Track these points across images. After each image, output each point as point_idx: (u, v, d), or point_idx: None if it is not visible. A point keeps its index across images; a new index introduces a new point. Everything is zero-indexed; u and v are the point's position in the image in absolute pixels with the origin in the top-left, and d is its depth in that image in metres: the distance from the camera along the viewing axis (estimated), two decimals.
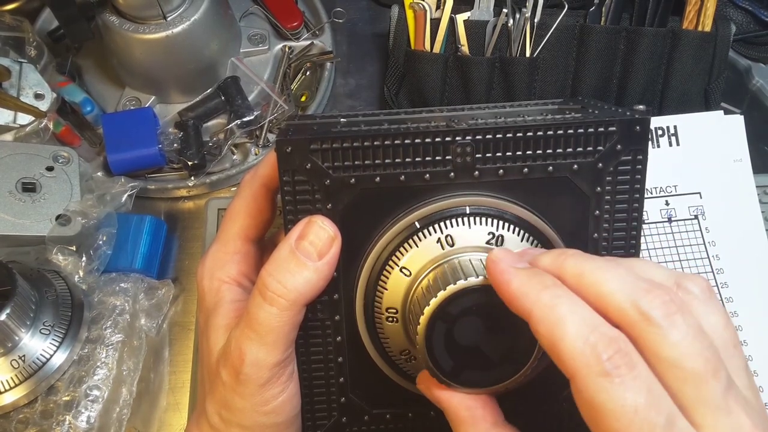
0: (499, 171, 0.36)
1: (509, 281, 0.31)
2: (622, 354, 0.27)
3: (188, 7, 0.66)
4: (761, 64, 0.75)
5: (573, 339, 0.28)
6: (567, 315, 0.28)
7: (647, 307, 0.28)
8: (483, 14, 0.68)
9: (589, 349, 0.27)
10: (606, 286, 0.29)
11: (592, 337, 0.27)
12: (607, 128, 0.35)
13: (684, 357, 0.27)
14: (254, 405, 0.36)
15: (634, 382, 0.26)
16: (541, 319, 0.29)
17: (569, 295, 0.29)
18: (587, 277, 0.30)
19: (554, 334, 0.28)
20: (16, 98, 0.64)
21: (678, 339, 0.27)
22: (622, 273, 0.30)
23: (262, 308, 0.35)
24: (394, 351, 0.39)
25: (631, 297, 0.28)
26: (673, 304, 0.28)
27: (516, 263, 0.32)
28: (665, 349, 0.27)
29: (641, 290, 0.29)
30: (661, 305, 0.28)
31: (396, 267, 0.36)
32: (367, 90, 0.76)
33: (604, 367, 0.27)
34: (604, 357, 0.27)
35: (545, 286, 0.30)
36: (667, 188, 0.61)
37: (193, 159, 0.66)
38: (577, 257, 0.31)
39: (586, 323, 0.28)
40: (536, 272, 0.31)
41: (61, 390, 0.54)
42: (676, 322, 0.28)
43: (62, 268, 0.58)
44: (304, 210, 0.36)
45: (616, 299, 0.29)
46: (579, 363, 0.27)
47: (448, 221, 0.36)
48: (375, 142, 0.35)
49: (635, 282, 0.29)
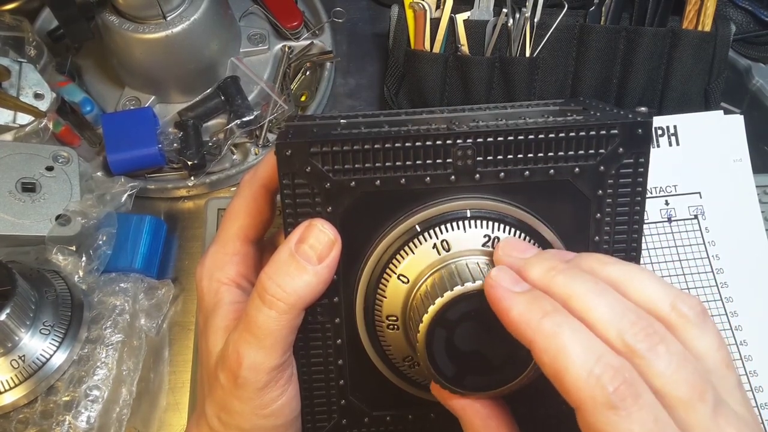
0: (500, 174, 0.36)
1: (509, 309, 0.30)
2: (627, 384, 0.27)
3: (188, 7, 0.66)
4: (761, 64, 0.75)
5: (578, 369, 0.27)
6: (569, 344, 0.28)
7: (632, 340, 0.28)
8: (483, 14, 0.68)
9: (594, 381, 0.27)
10: (594, 314, 0.29)
11: (597, 368, 0.27)
12: (609, 131, 0.35)
13: (669, 385, 0.28)
14: (253, 408, 0.36)
15: (640, 413, 0.27)
16: (544, 348, 0.29)
17: (571, 321, 0.29)
18: (575, 302, 0.30)
19: (558, 365, 0.28)
20: (15, 98, 0.64)
21: (662, 369, 0.28)
22: (611, 301, 0.30)
23: (261, 311, 0.35)
24: (398, 358, 0.39)
25: (618, 328, 0.29)
26: (656, 336, 0.29)
27: (514, 286, 0.31)
28: (652, 379, 0.28)
29: (627, 322, 0.29)
30: (644, 338, 0.28)
31: (394, 274, 0.36)
32: (367, 90, 0.76)
33: (610, 399, 0.27)
34: (609, 389, 0.27)
35: (545, 312, 0.29)
36: (666, 188, 0.61)
37: (193, 159, 0.66)
38: (567, 275, 0.31)
39: (590, 352, 0.28)
40: (535, 297, 0.31)
41: (61, 390, 0.54)
42: (659, 352, 0.28)
43: (62, 268, 0.58)
44: (304, 213, 0.36)
45: (603, 329, 0.29)
46: (584, 395, 0.27)
47: (448, 224, 0.36)
48: (375, 145, 0.35)
49: (623, 312, 0.29)
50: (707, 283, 0.58)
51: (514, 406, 0.36)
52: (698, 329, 0.31)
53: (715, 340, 0.31)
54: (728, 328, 0.57)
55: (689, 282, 0.58)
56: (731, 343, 0.56)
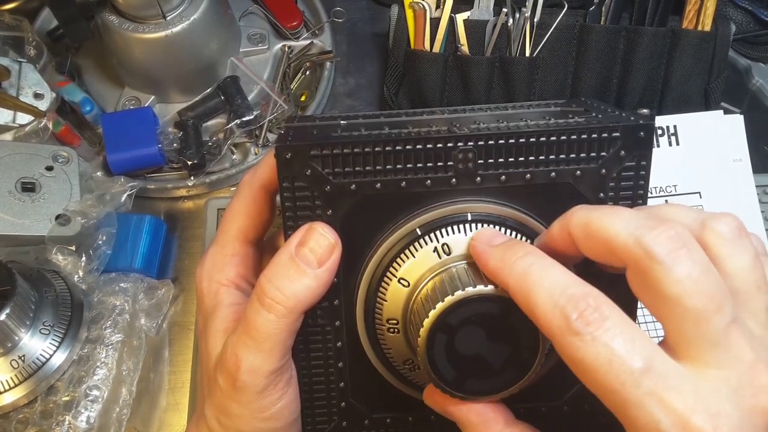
0: (501, 177, 0.36)
1: (487, 260, 0.32)
2: (591, 310, 0.27)
3: (188, 7, 0.66)
4: (761, 63, 0.75)
5: (544, 304, 0.29)
6: (537, 281, 0.29)
7: (651, 243, 0.28)
8: (483, 14, 0.68)
9: (558, 312, 0.28)
10: (611, 229, 0.29)
11: (561, 299, 0.28)
12: (611, 134, 0.35)
13: (686, 294, 0.27)
14: (252, 411, 0.36)
15: (606, 335, 0.27)
16: (517, 288, 0.30)
17: (541, 260, 0.30)
18: (593, 224, 0.30)
19: (529, 302, 0.29)
20: (15, 98, 0.64)
21: (681, 276, 0.27)
22: (628, 215, 0.30)
23: (260, 315, 0.35)
24: (398, 361, 0.38)
25: (635, 234, 0.28)
26: (679, 239, 0.28)
27: (494, 240, 0.33)
28: (668, 285, 0.27)
29: (646, 227, 0.28)
30: (665, 241, 0.27)
31: (395, 277, 0.36)
32: (366, 90, 0.76)
33: (573, 326, 0.27)
34: (573, 317, 0.27)
35: (518, 256, 0.31)
36: (666, 188, 0.61)
37: (193, 159, 0.66)
38: (584, 209, 0.32)
39: (555, 286, 0.29)
40: (510, 244, 0.32)
41: (60, 390, 0.54)
42: (680, 257, 0.27)
43: (62, 268, 0.58)
44: (304, 216, 0.36)
45: (621, 239, 0.29)
46: (553, 326, 0.28)
47: (449, 228, 0.36)
48: (376, 148, 0.35)
49: (641, 220, 0.29)
50: None
51: (513, 407, 0.36)
52: (732, 247, 0.30)
53: (749, 259, 0.30)
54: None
55: None
56: None
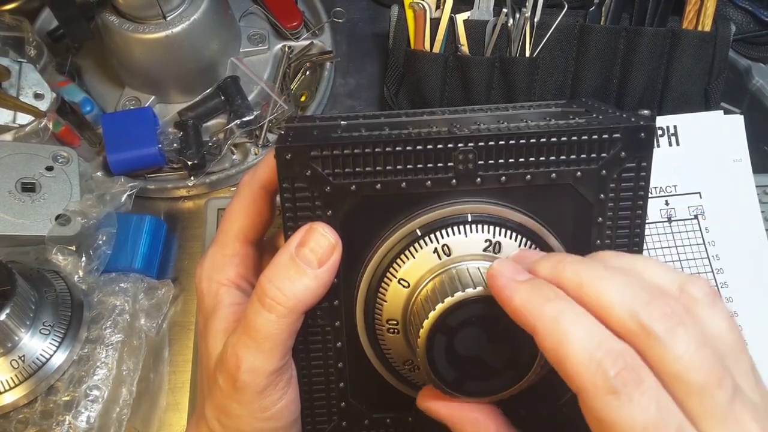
0: (502, 178, 0.36)
1: (511, 297, 0.30)
2: (629, 369, 0.27)
3: (188, 7, 0.66)
4: (761, 64, 0.75)
5: (579, 355, 0.27)
6: (571, 329, 0.28)
7: (648, 320, 0.28)
8: (483, 14, 0.68)
9: (595, 366, 0.27)
10: (605, 298, 0.29)
11: (599, 352, 0.27)
12: (611, 135, 0.35)
13: (687, 370, 0.27)
14: (252, 412, 0.36)
15: (642, 398, 0.26)
16: (546, 334, 0.28)
17: (573, 307, 0.29)
18: (586, 288, 0.30)
19: (560, 350, 0.28)
20: (15, 98, 0.64)
21: (680, 352, 0.27)
22: (621, 283, 0.29)
23: (260, 315, 0.35)
24: (398, 361, 0.38)
25: (631, 309, 0.28)
26: (675, 316, 0.28)
27: (517, 276, 0.31)
28: (668, 363, 0.27)
29: (641, 302, 0.28)
30: (661, 318, 0.28)
31: (395, 278, 0.36)
32: (366, 90, 0.76)
33: (612, 384, 0.26)
34: (611, 374, 0.26)
35: (548, 299, 0.29)
36: (666, 188, 0.61)
37: (193, 159, 0.66)
38: (576, 264, 0.31)
39: (591, 337, 0.27)
40: (538, 284, 0.30)
41: (60, 390, 0.54)
42: (678, 334, 0.27)
43: (62, 268, 0.58)
44: (304, 217, 0.36)
45: (616, 312, 0.28)
46: (586, 380, 0.27)
47: (449, 229, 0.35)
48: (376, 148, 0.35)
49: (635, 292, 0.29)
50: None
51: (512, 408, 0.36)
52: (709, 310, 0.30)
53: (726, 321, 0.30)
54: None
55: None
56: None
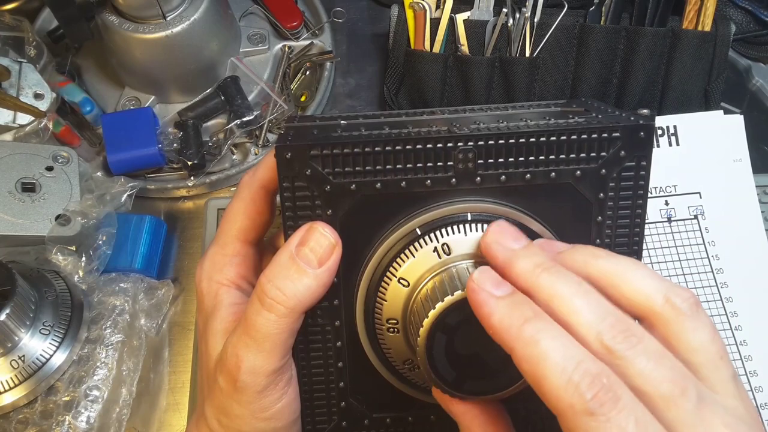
0: (501, 177, 0.36)
1: (490, 314, 0.30)
2: (605, 390, 0.27)
3: (188, 7, 0.66)
4: (761, 63, 0.75)
5: (556, 378, 0.27)
6: (549, 351, 0.28)
7: (611, 342, 0.28)
8: (483, 14, 0.68)
9: (572, 389, 0.27)
10: (576, 317, 0.29)
11: (576, 375, 0.27)
12: (611, 134, 0.35)
13: (649, 383, 0.28)
14: (252, 411, 0.36)
15: (619, 416, 0.26)
16: (524, 356, 0.28)
17: (551, 327, 0.29)
18: (558, 303, 0.30)
19: (537, 372, 0.28)
20: (15, 98, 0.64)
21: (641, 368, 0.28)
22: (593, 303, 0.30)
23: (261, 315, 0.35)
24: (398, 361, 0.38)
25: (597, 330, 0.29)
26: (634, 337, 0.29)
27: (496, 289, 0.31)
28: (633, 378, 0.28)
29: (607, 324, 0.29)
30: (623, 339, 0.28)
31: (395, 277, 0.36)
32: (366, 90, 0.76)
33: (588, 406, 0.26)
34: (588, 396, 0.27)
35: (526, 319, 0.29)
36: (666, 188, 0.61)
37: (193, 159, 0.66)
38: (552, 273, 0.31)
39: (568, 360, 0.28)
40: (516, 302, 0.30)
41: (60, 390, 0.54)
42: (638, 351, 0.28)
43: (62, 268, 0.58)
44: (304, 216, 0.36)
45: (584, 332, 0.29)
46: (563, 403, 0.27)
47: (448, 228, 0.35)
48: (376, 148, 0.35)
49: (603, 315, 0.29)
50: (707, 283, 0.58)
51: (513, 406, 0.36)
52: (692, 321, 0.30)
53: (709, 332, 0.31)
54: (728, 328, 0.57)
55: (689, 282, 0.58)
56: (731, 343, 0.56)
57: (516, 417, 0.36)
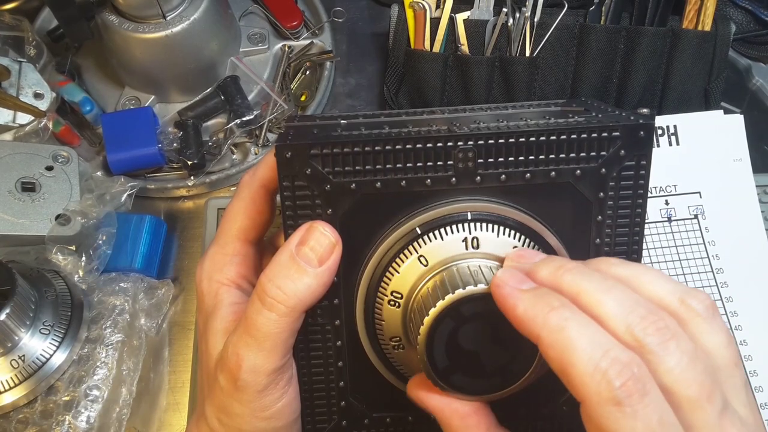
0: (501, 176, 0.36)
1: (515, 306, 0.30)
2: (634, 380, 0.26)
3: (188, 7, 0.66)
4: (761, 63, 0.75)
5: (584, 364, 0.27)
6: (576, 338, 0.27)
7: (642, 334, 0.28)
8: (483, 13, 0.68)
9: (600, 376, 0.27)
10: (603, 309, 0.29)
11: (604, 362, 0.27)
12: (611, 133, 0.35)
13: (678, 383, 0.27)
14: (253, 411, 0.36)
15: (645, 411, 0.26)
16: (550, 342, 0.28)
17: (578, 315, 0.29)
18: (584, 297, 0.30)
19: (564, 359, 0.28)
20: (15, 98, 0.64)
21: (672, 365, 0.27)
22: (620, 295, 0.29)
23: (261, 314, 0.35)
24: (398, 360, 0.38)
25: (627, 322, 0.28)
26: (668, 331, 0.28)
27: (520, 284, 0.31)
28: (661, 375, 0.27)
29: (637, 316, 0.28)
30: (655, 332, 0.28)
31: (404, 263, 0.36)
32: (366, 89, 0.76)
33: (616, 395, 0.26)
34: (616, 384, 0.26)
35: (552, 307, 0.29)
36: (666, 188, 0.61)
37: (193, 158, 0.66)
38: (575, 273, 0.31)
39: (597, 347, 0.27)
40: (542, 293, 0.30)
41: (60, 390, 0.54)
42: (670, 348, 0.28)
43: (62, 268, 0.58)
44: (304, 215, 0.36)
45: (612, 325, 0.29)
46: (590, 390, 0.27)
47: (449, 227, 0.35)
48: (376, 147, 0.35)
49: (632, 307, 0.29)
50: (707, 283, 0.58)
51: (513, 406, 0.36)
52: (708, 324, 0.30)
53: (724, 337, 0.30)
54: (728, 328, 0.57)
55: (689, 282, 0.58)
56: None
57: (515, 417, 0.36)
